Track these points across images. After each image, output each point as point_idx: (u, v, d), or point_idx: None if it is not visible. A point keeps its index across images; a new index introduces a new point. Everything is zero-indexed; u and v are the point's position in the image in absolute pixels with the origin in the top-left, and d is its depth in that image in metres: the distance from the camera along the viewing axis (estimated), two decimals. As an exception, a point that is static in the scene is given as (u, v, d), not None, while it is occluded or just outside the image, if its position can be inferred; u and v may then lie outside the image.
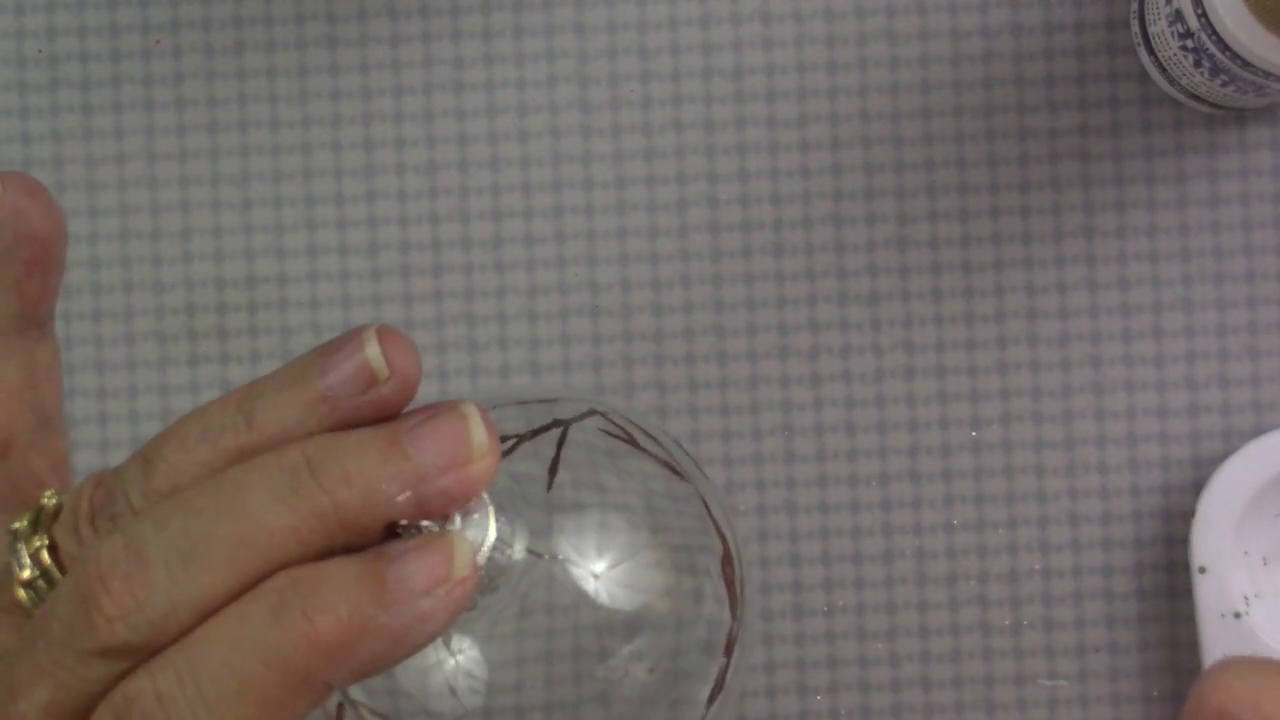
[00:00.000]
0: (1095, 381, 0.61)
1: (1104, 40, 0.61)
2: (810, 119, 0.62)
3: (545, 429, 0.46)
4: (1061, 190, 0.62)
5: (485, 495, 0.38)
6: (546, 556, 0.44)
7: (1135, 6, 0.60)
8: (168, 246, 0.62)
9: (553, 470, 0.46)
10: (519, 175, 0.62)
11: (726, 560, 0.48)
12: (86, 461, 0.62)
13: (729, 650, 0.47)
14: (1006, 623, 0.61)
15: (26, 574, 0.39)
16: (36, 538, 0.39)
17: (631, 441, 0.48)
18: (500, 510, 0.39)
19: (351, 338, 0.38)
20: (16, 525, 0.40)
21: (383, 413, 0.38)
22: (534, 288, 0.62)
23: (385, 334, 0.38)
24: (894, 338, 0.62)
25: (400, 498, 0.37)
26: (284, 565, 0.37)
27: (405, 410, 0.39)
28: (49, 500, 0.40)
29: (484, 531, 0.38)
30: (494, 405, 0.48)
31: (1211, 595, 0.59)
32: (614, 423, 0.48)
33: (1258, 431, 0.61)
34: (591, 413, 0.48)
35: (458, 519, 0.38)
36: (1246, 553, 0.59)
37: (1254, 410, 0.61)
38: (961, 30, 0.62)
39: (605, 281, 0.62)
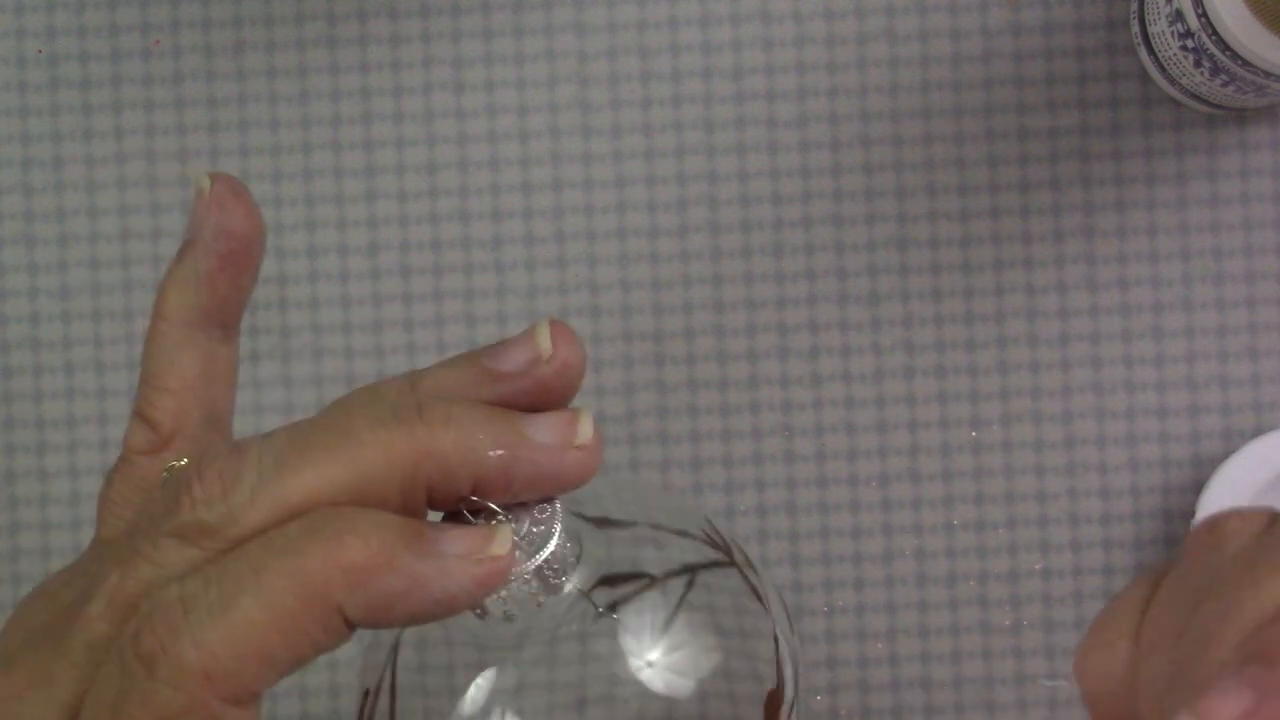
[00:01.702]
0: (1095, 381, 0.61)
1: (1104, 40, 0.61)
2: (810, 119, 0.62)
3: (678, 573, 0.47)
4: (1061, 190, 0.62)
5: (559, 512, 0.39)
6: (601, 608, 0.45)
7: (1135, 6, 0.60)
8: (167, 246, 0.62)
9: (671, 618, 0.46)
10: (519, 175, 0.62)
11: (774, 698, 0.48)
12: (86, 461, 0.62)
13: None
14: (1006, 623, 0.61)
15: None
16: None
17: (736, 567, 0.48)
18: (570, 539, 0.40)
19: (524, 332, 0.40)
20: (175, 463, 0.41)
21: (541, 396, 0.39)
22: (534, 288, 0.62)
23: (555, 324, 0.40)
24: (894, 338, 0.62)
25: (492, 453, 0.38)
26: (368, 483, 0.37)
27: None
28: None
29: (547, 540, 0.39)
30: (630, 521, 0.48)
31: (1211, 595, 0.59)
32: (730, 555, 0.49)
33: (1258, 431, 0.61)
34: (716, 565, 0.48)
35: (526, 524, 0.39)
36: (1246, 553, 0.59)
37: (1254, 410, 0.61)
38: (961, 30, 0.62)
39: (605, 281, 0.62)
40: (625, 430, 0.62)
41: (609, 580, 0.45)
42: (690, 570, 0.47)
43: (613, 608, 0.45)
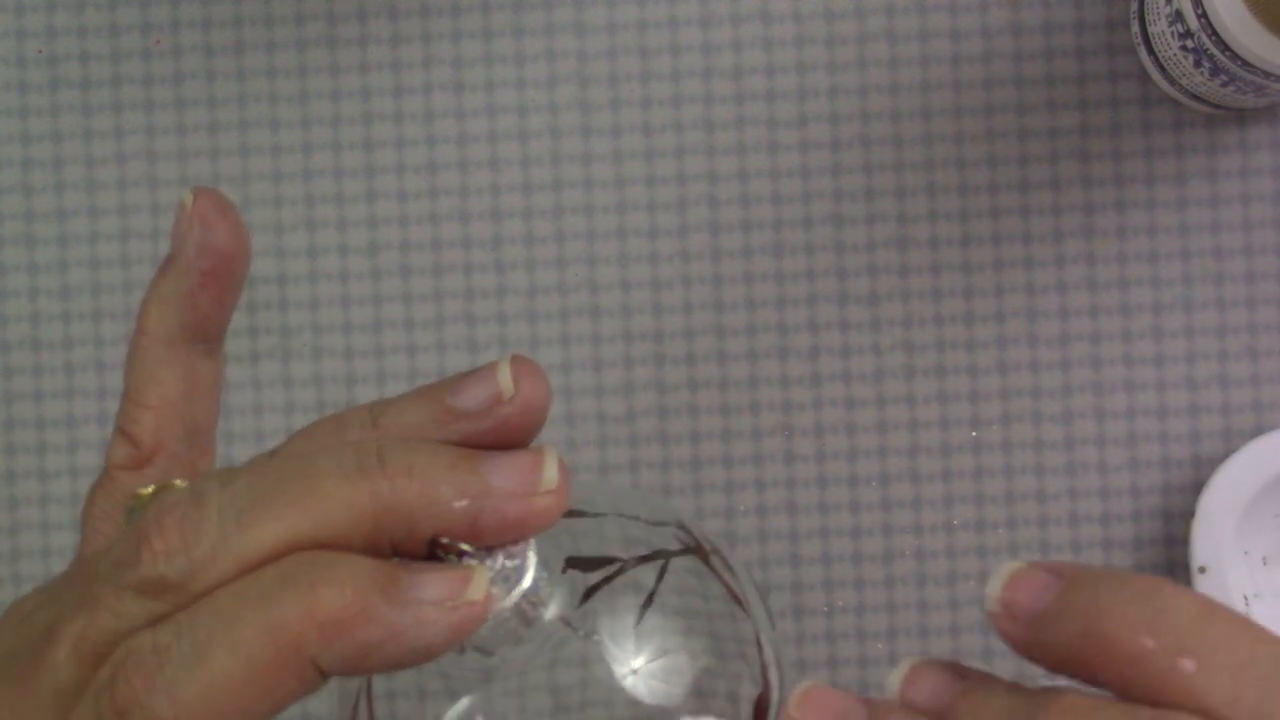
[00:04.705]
0: (1095, 381, 0.61)
1: (1104, 40, 0.61)
2: (810, 119, 0.62)
3: (649, 558, 0.46)
4: (1061, 190, 0.62)
5: (532, 543, 0.38)
6: (581, 633, 0.44)
7: (1135, 6, 0.60)
8: (167, 247, 0.62)
9: (646, 605, 0.46)
10: (519, 175, 0.62)
11: (761, 703, 0.48)
12: (85, 461, 0.62)
13: None
14: (1006, 623, 0.61)
15: None
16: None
17: (710, 567, 0.48)
18: (543, 566, 0.39)
19: (487, 366, 0.39)
20: (141, 491, 0.41)
21: (504, 435, 0.39)
22: (534, 288, 0.62)
23: (518, 360, 0.39)
24: (894, 338, 0.62)
25: (458, 504, 0.37)
26: (330, 537, 0.37)
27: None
28: (180, 484, 0.41)
29: (520, 576, 0.38)
30: (597, 512, 0.48)
31: (1211, 595, 0.59)
32: (703, 548, 0.49)
33: (1258, 431, 0.61)
34: (687, 551, 0.48)
35: (499, 558, 0.38)
36: (1246, 553, 0.59)
37: (1254, 410, 0.61)
38: (961, 30, 0.62)
39: (605, 281, 0.62)
40: (625, 430, 0.62)
41: (578, 563, 0.45)
42: (663, 555, 0.47)
43: (592, 631, 0.45)
